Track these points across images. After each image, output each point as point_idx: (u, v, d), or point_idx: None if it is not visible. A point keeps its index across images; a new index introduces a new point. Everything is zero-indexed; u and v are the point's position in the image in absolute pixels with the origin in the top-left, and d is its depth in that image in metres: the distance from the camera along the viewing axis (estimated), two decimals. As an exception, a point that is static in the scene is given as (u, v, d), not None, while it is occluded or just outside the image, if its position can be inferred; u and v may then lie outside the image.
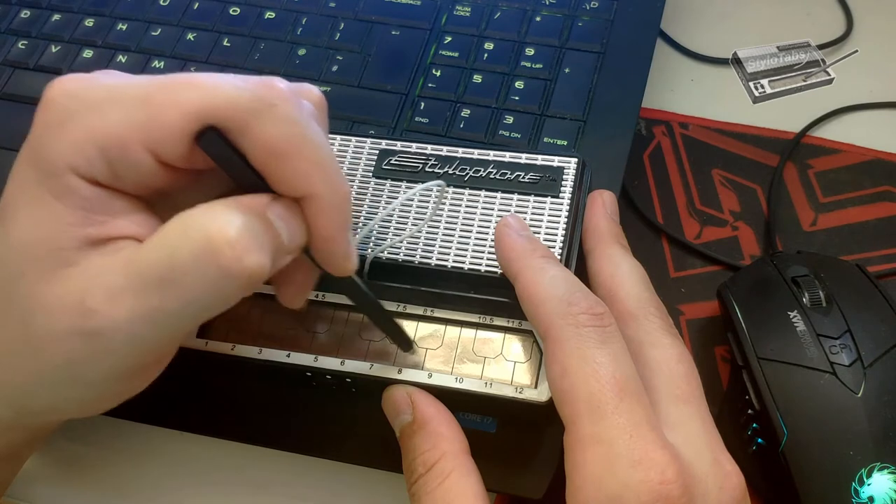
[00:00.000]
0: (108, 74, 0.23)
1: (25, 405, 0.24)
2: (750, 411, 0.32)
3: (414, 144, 0.32)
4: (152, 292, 0.21)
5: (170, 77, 0.21)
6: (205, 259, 0.20)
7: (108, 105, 0.21)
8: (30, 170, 0.22)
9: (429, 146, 0.31)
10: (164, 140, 0.21)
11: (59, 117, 0.21)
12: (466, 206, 0.30)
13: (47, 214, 0.21)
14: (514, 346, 0.28)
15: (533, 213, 0.30)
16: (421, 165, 0.31)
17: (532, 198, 0.30)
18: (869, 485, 0.28)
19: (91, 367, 0.22)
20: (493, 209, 0.30)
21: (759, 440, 0.31)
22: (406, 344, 0.28)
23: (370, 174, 0.31)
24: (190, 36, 0.42)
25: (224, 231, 0.20)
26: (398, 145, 0.32)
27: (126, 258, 0.21)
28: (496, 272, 0.29)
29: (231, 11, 0.42)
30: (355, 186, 0.31)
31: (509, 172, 0.30)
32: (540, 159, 0.31)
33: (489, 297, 0.29)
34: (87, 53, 0.41)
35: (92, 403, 0.24)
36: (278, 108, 0.21)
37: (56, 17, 0.43)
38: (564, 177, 0.30)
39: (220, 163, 0.22)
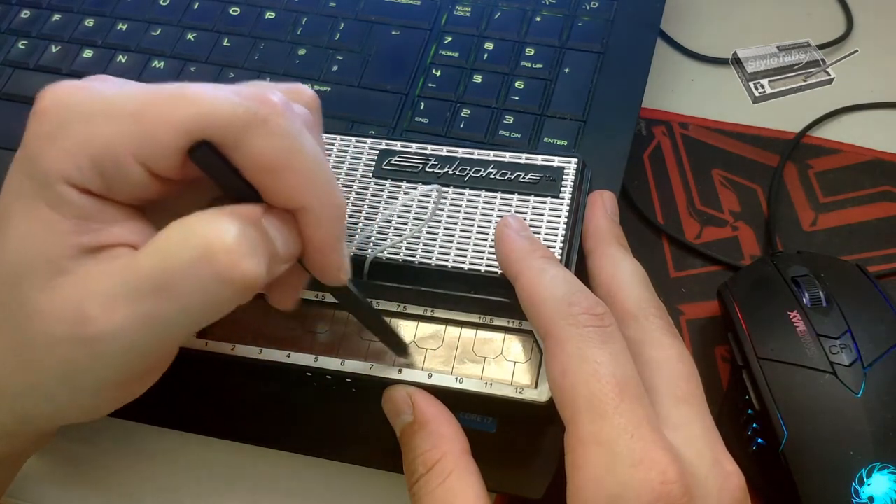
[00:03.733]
0: (102, 81, 0.22)
1: (26, 412, 0.24)
2: (750, 411, 0.32)
3: (414, 144, 0.32)
4: (148, 299, 0.21)
5: (162, 89, 0.21)
6: (201, 265, 0.20)
7: (100, 117, 0.21)
8: (24, 179, 0.22)
9: (429, 146, 0.31)
10: (157, 154, 0.21)
11: (51, 127, 0.21)
12: (466, 207, 0.30)
13: (42, 223, 0.21)
14: (514, 347, 0.28)
15: (533, 214, 0.30)
16: (421, 165, 0.31)
17: (532, 198, 0.30)
18: (869, 485, 0.28)
19: (89, 373, 0.22)
20: (493, 209, 0.30)
21: (759, 440, 0.31)
22: (401, 348, 0.28)
23: (370, 174, 0.31)
24: (190, 36, 0.42)
25: (221, 237, 0.20)
26: (398, 145, 0.32)
27: (122, 265, 0.21)
28: (496, 272, 0.29)
29: (231, 11, 0.42)
30: (355, 187, 0.31)
31: (509, 172, 0.30)
32: (540, 159, 0.31)
33: (489, 297, 0.29)
34: (87, 53, 0.41)
35: (91, 409, 0.24)
36: (270, 122, 0.21)
37: (56, 17, 0.43)
38: (564, 177, 0.30)
39: (213, 176, 0.22)
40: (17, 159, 0.22)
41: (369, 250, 0.29)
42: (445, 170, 0.31)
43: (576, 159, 0.31)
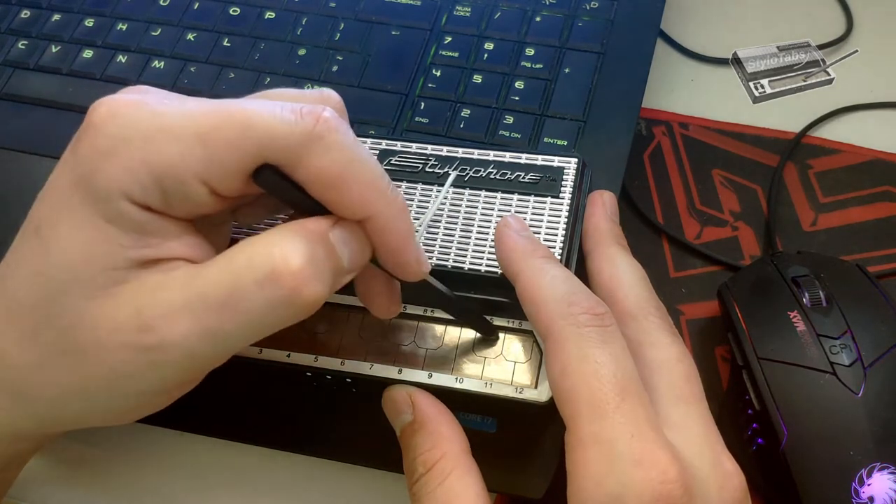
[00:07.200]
0: (154, 96, 0.23)
1: (55, 416, 0.24)
2: (750, 411, 0.32)
3: (414, 144, 0.32)
4: (211, 313, 0.21)
5: (225, 112, 0.21)
6: (267, 287, 0.21)
7: (163, 136, 0.21)
8: (76, 191, 0.22)
9: (429, 146, 0.31)
10: (221, 177, 0.22)
11: (109, 143, 0.21)
12: (467, 207, 0.30)
13: (98, 236, 0.22)
14: (514, 346, 0.28)
15: (533, 214, 0.30)
16: (421, 165, 0.31)
17: (532, 198, 0.30)
18: (869, 485, 0.29)
19: (138, 380, 0.22)
20: (493, 209, 0.30)
21: (759, 440, 0.31)
22: (491, 332, 0.28)
23: (370, 174, 0.31)
24: (190, 36, 0.42)
25: (288, 261, 0.21)
26: (398, 145, 0.32)
27: (184, 278, 0.22)
28: (496, 272, 0.29)
29: (231, 11, 0.42)
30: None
31: (509, 172, 0.30)
32: (540, 159, 0.31)
33: (489, 297, 0.29)
34: (87, 53, 0.41)
35: (124, 413, 0.24)
36: (326, 138, 0.22)
37: (56, 17, 0.43)
38: (564, 177, 0.30)
39: (279, 196, 0.23)
40: (64, 169, 0.22)
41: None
42: (445, 170, 0.31)
43: (576, 159, 0.31)
